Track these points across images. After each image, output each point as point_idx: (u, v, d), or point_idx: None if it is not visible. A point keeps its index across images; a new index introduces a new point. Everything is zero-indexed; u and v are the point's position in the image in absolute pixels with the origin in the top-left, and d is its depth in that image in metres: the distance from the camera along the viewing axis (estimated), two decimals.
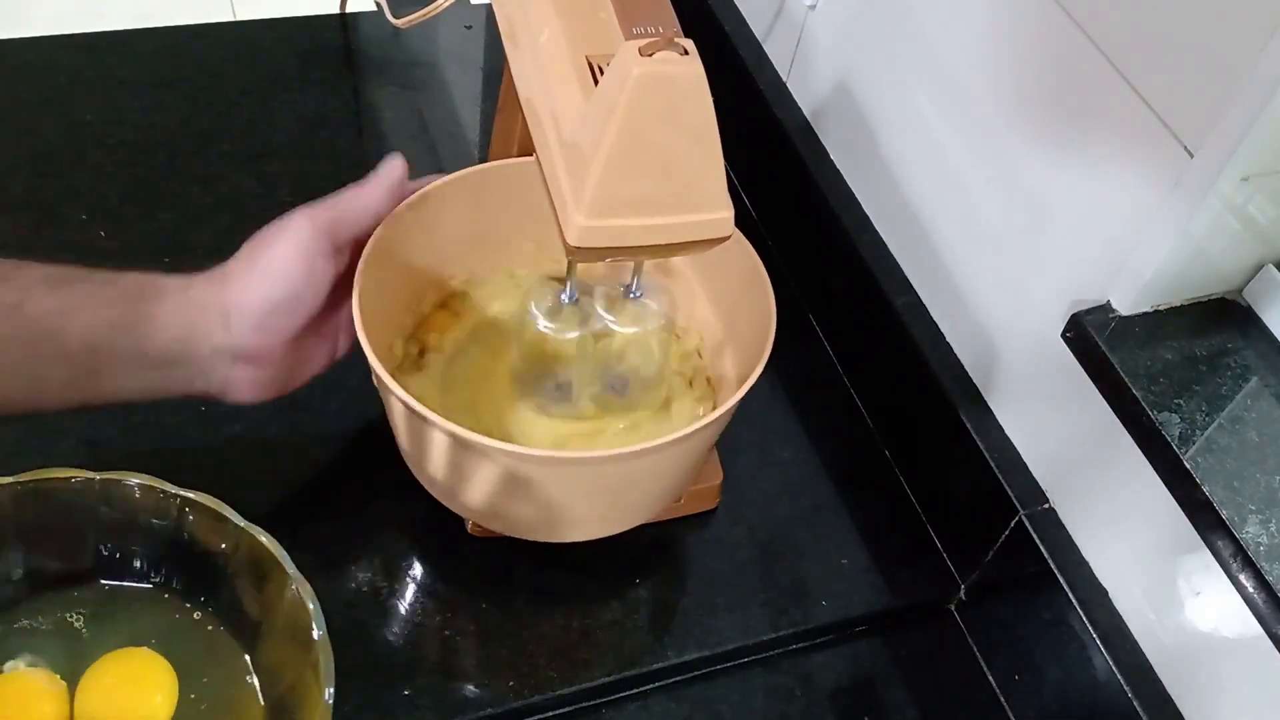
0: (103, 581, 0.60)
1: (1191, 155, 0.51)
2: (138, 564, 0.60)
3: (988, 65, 0.64)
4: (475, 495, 0.60)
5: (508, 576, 0.67)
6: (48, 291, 0.53)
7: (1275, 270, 0.56)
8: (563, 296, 0.63)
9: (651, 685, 0.65)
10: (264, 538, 0.58)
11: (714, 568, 0.69)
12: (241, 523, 0.58)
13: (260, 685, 0.59)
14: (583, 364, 0.65)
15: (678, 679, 0.66)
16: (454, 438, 0.55)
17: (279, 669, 0.58)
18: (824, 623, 0.68)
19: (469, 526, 0.67)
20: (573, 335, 0.63)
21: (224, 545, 0.59)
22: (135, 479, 0.58)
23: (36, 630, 0.59)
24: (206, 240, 0.79)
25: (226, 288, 0.56)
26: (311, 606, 0.56)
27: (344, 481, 0.69)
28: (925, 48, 0.69)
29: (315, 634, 0.55)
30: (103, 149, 0.84)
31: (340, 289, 0.60)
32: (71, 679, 0.57)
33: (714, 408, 0.69)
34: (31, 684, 0.57)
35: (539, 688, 0.62)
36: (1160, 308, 0.56)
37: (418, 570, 0.66)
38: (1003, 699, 0.68)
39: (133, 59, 0.91)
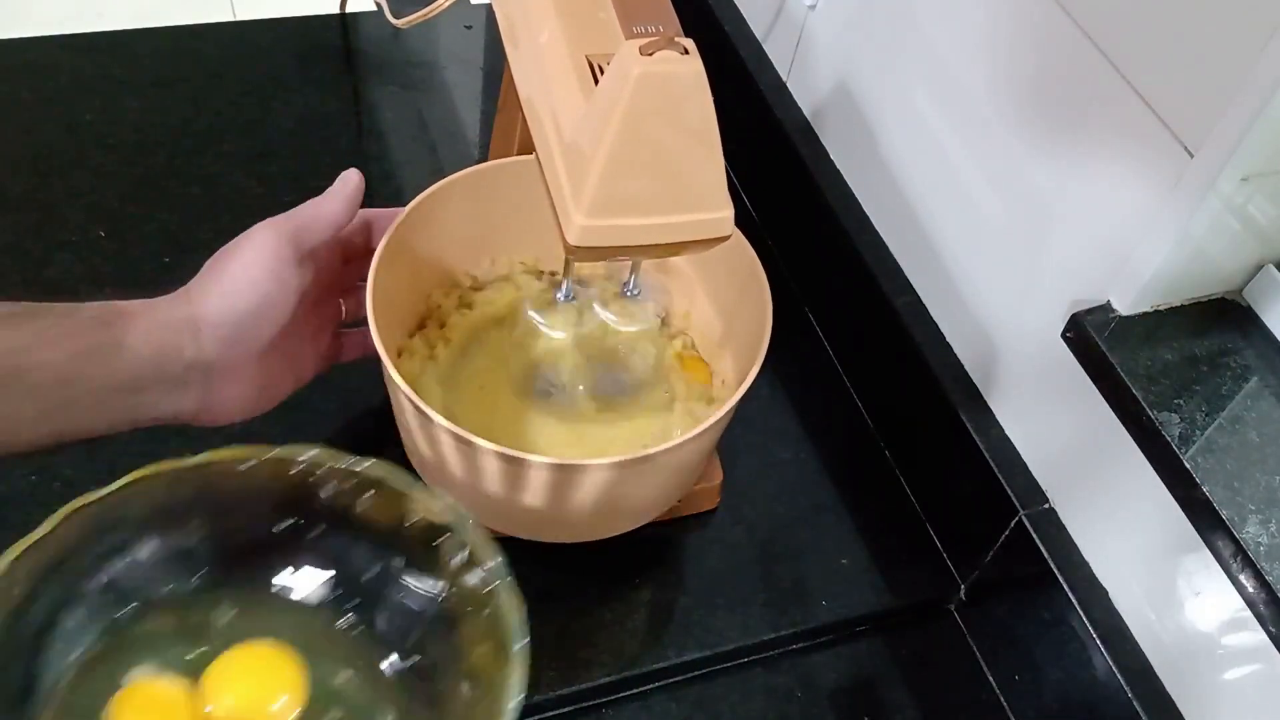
0: (269, 576, 0.56)
1: (1191, 155, 0.51)
2: (307, 550, 0.56)
3: (988, 65, 0.64)
4: (477, 495, 0.60)
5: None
6: (7, 329, 0.51)
7: (1275, 270, 0.56)
8: (561, 295, 0.63)
9: (651, 685, 0.65)
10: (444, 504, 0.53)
11: (714, 568, 0.69)
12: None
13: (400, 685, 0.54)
14: (581, 363, 0.65)
15: (678, 679, 0.66)
16: (457, 439, 0.56)
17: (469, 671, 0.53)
18: (824, 623, 0.68)
19: None
20: (571, 334, 0.63)
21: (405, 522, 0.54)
22: (308, 452, 0.53)
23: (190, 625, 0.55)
24: (206, 240, 0.78)
25: (193, 303, 0.56)
26: (516, 617, 0.51)
27: None
28: (925, 48, 0.69)
29: (515, 644, 0.50)
30: (103, 149, 0.84)
31: (305, 305, 0.60)
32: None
33: (711, 403, 0.69)
34: (158, 694, 0.53)
35: (539, 688, 0.62)
36: (1160, 308, 0.56)
37: None
38: (1003, 699, 0.68)
39: (133, 59, 0.91)
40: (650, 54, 0.47)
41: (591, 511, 0.61)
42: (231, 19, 1.60)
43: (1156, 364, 0.54)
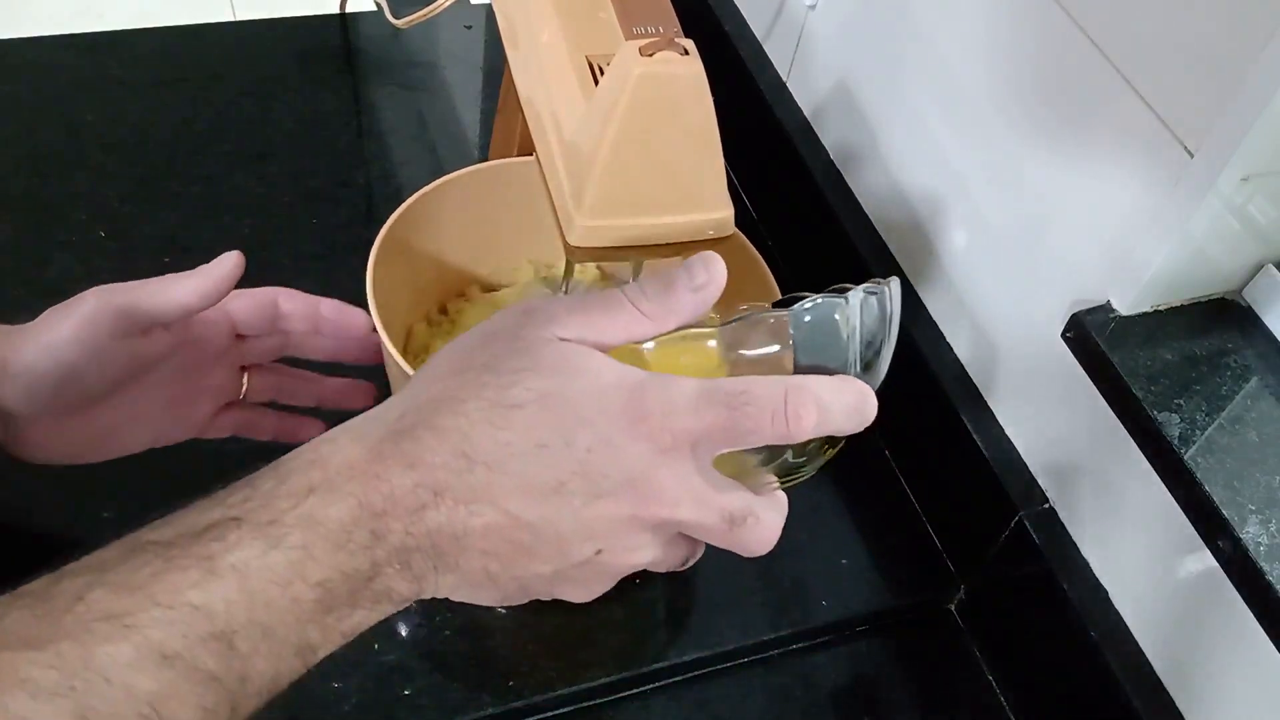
0: None
1: (1191, 155, 0.51)
2: None
3: (988, 65, 0.64)
4: None
5: None
6: None
7: (1275, 270, 0.56)
8: (561, 296, 0.63)
9: (651, 685, 0.65)
10: None
11: (714, 568, 0.69)
12: None
13: None
14: None
15: (678, 679, 0.66)
16: None
17: None
18: (824, 623, 0.68)
19: None
20: None
21: None
22: None
23: None
24: (206, 240, 0.79)
25: (7, 345, 0.55)
26: None
27: None
28: (925, 47, 0.69)
29: None
30: (103, 149, 0.84)
31: (178, 382, 0.59)
32: None
33: None
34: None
35: (539, 688, 0.62)
36: (1160, 308, 0.56)
37: None
38: (1003, 699, 0.68)
39: (133, 59, 0.91)
40: (650, 54, 0.47)
41: None
42: (231, 19, 1.61)
43: (1156, 364, 0.54)
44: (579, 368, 0.41)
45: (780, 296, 0.62)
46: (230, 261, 0.58)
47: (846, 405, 0.44)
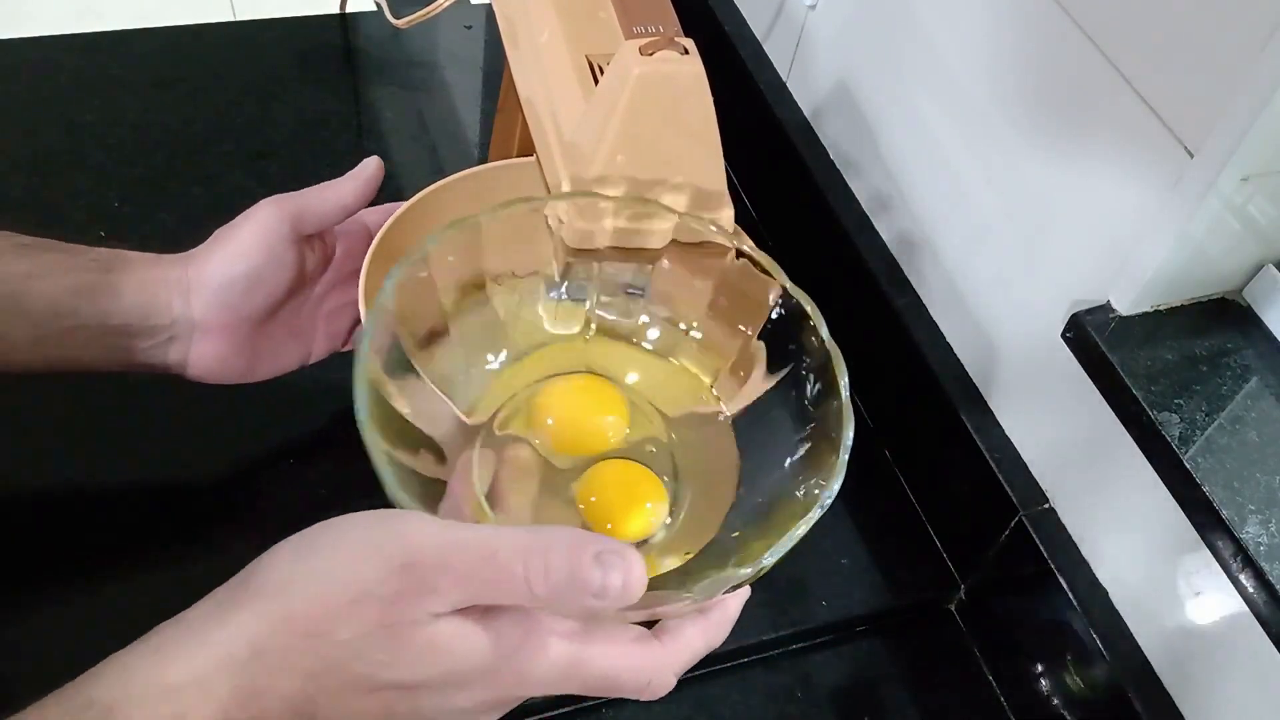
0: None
1: (1191, 155, 0.51)
2: None
3: (988, 65, 0.64)
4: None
5: None
6: (16, 257, 0.55)
7: (1275, 270, 0.56)
8: (562, 296, 0.63)
9: None
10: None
11: None
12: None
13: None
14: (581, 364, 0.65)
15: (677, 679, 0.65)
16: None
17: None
18: (824, 623, 0.68)
19: None
20: (571, 334, 0.63)
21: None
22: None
23: None
24: (207, 240, 0.79)
25: (189, 264, 0.59)
26: (841, 364, 0.50)
27: (344, 481, 0.69)
28: (925, 47, 0.69)
29: (843, 391, 0.49)
30: (103, 149, 0.84)
31: (313, 285, 0.63)
32: None
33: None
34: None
35: None
36: (1160, 308, 0.56)
37: None
38: (1003, 699, 0.68)
39: (133, 59, 0.91)
40: (650, 54, 0.47)
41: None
42: (231, 19, 1.60)
43: (1156, 364, 0.54)
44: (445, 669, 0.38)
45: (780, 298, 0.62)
46: (374, 164, 0.63)
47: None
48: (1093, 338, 0.55)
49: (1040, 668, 0.65)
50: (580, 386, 0.57)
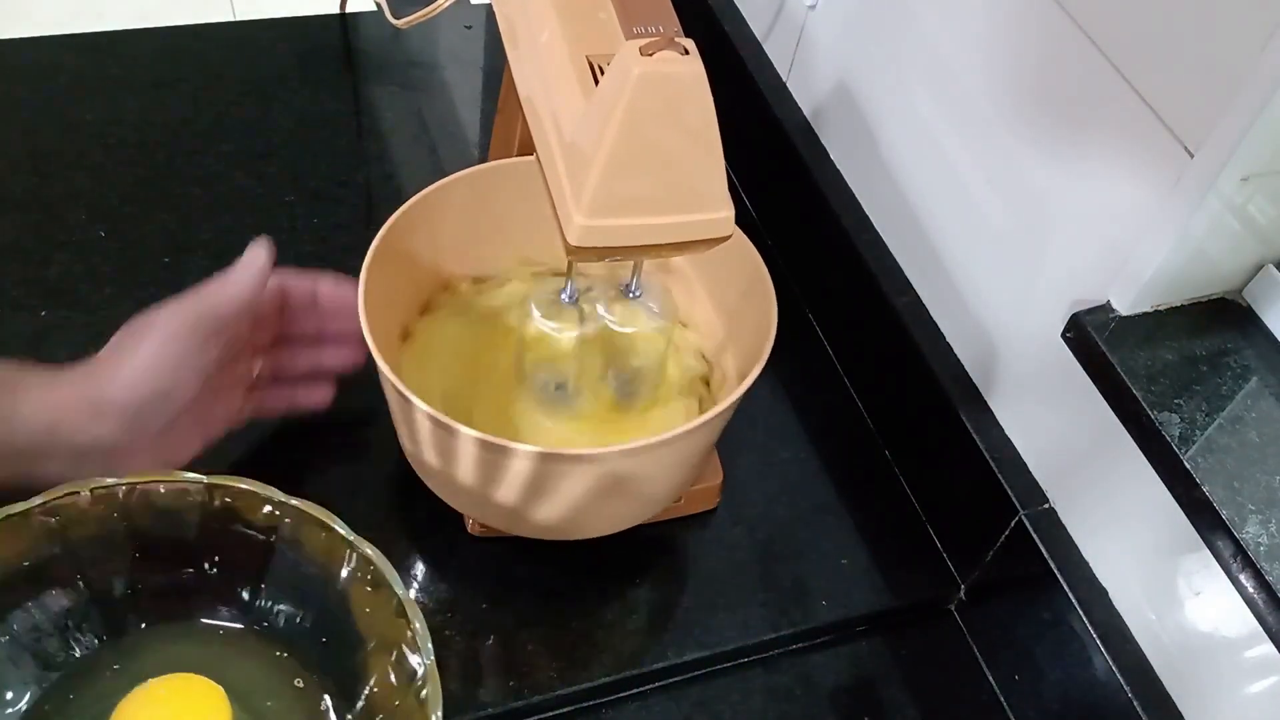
0: (197, 614, 0.59)
1: (1191, 155, 0.51)
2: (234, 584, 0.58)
3: (988, 65, 0.64)
4: (475, 491, 0.60)
5: (508, 576, 0.67)
6: None
7: (1275, 270, 0.56)
8: (562, 296, 0.63)
9: (651, 685, 0.65)
10: (370, 550, 0.56)
11: (714, 568, 0.69)
12: (350, 535, 0.56)
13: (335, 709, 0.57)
14: (582, 364, 0.65)
15: (678, 679, 0.66)
16: (450, 431, 0.56)
17: (374, 701, 0.55)
18: (824, 623, 0.68)
19: (469, 526, 0.67)
20: (572, 335, 0.63)
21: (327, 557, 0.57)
22: (243, 483, 0.56)
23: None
24: (206, 240, 0.79)
25: (97, 384, 0.57)
26: (419, 627, 0.53)
27: (343, 482, 0.69)
28: (925, 48, 0.69)
29: (419, 662, 0.53)
30: (103, 149, 0.84)
31: (218, 376, 0.61)
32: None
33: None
34: None
35: (539, 688, 0.62)
36: (1160, 308, 0.56)
37: (418, 570, 0.66)
38: (1003, 699, 0.68)
39: (133, 59, 0.91)
40: (650, 54, 0.47)
41: (590, 506, 0.61)
42: (231, 19, 1.60)
43: (1156, 364, 0.54)
44: None
45: (776, 297, 0.62)
46: (265, 249, 0.62)
47: None
48: (1093, 338, 0.55)
49: (1040, 668, 0.65)
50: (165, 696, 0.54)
